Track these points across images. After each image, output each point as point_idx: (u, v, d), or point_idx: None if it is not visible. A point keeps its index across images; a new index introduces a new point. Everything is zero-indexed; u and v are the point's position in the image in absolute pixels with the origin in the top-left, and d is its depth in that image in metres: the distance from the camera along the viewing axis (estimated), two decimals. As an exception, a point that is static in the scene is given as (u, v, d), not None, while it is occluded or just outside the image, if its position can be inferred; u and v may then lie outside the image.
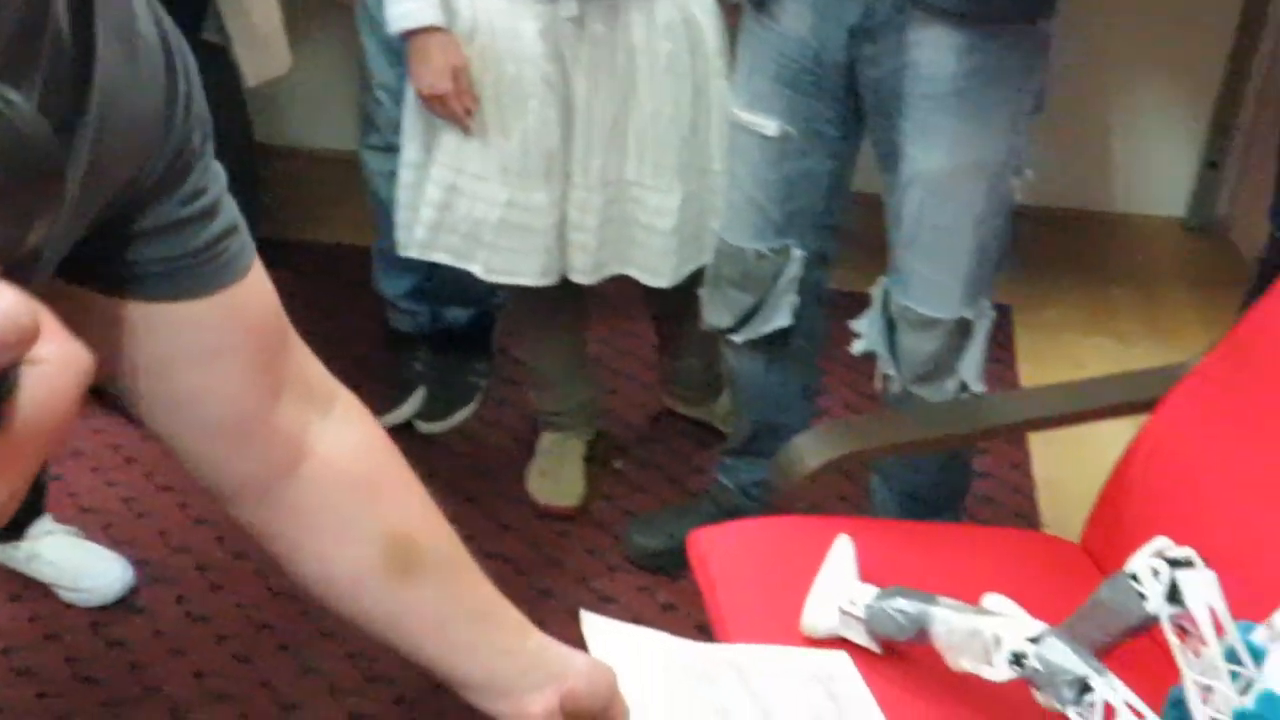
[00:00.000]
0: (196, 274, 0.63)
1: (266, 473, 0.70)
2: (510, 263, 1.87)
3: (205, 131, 0.62)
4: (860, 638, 1.35)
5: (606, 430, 2.34)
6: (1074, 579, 1.54)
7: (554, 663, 0.79)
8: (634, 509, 2.17)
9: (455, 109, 1.72)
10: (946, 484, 1.82)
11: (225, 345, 0.65)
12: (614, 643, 0.93)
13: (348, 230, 2.75)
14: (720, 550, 1.47)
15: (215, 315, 0.64)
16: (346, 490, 0.73)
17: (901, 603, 1.31)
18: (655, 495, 2.21)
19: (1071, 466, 2.10)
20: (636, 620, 1.92)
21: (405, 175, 1.88)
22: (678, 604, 1.94)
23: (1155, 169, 2.94)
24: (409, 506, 0.76)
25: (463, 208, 1.85)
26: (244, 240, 0.66)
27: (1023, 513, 2.23)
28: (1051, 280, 2.81)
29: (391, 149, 1.94)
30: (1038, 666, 1.20)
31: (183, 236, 0.62)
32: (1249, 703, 1.07)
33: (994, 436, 1.73)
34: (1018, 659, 1.21)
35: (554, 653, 0.80)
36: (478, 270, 1.90)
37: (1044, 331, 2.67)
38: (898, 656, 1.30)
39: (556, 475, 2.16)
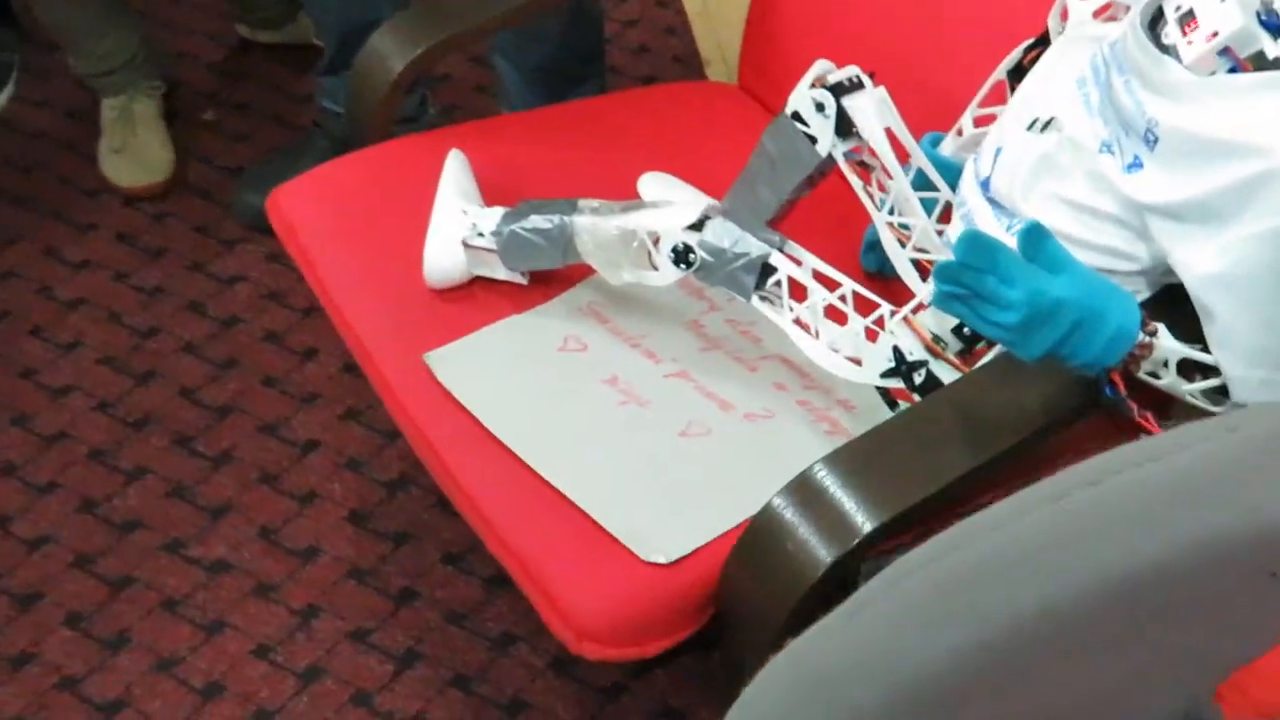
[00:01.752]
0: None
1: None
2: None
3: None
4: (500, 273, 1.10)
5: (182, 78, 1.92)
6: (739, 130, 1.30)
7: None
8: (240, 165, 1.81)
9: None
10: (576, 46, 1.57)
11: None
12: (465, 369, 0.96)
13: None
14: (305, 206, 1.18)
15: None
16: None
17: (536, 220, 1.06)
18: (261, 143, 1.86)
19: (722, -10, 1.81)
20: (274, 296, 1.65)
21: None
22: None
23: None
24: None
25: None
26: None
27: (681, 56, 1.98)
28: None
29: None
30: (707, 258, 0.98)
31: None
32: (951, 252, 0.86)
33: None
34: (682, 256, 0.98)
35: None
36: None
37: None
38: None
39: (134, 149, 1.78)
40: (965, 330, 0.95)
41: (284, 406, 1.55)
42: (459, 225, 1.09)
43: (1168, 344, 0.86)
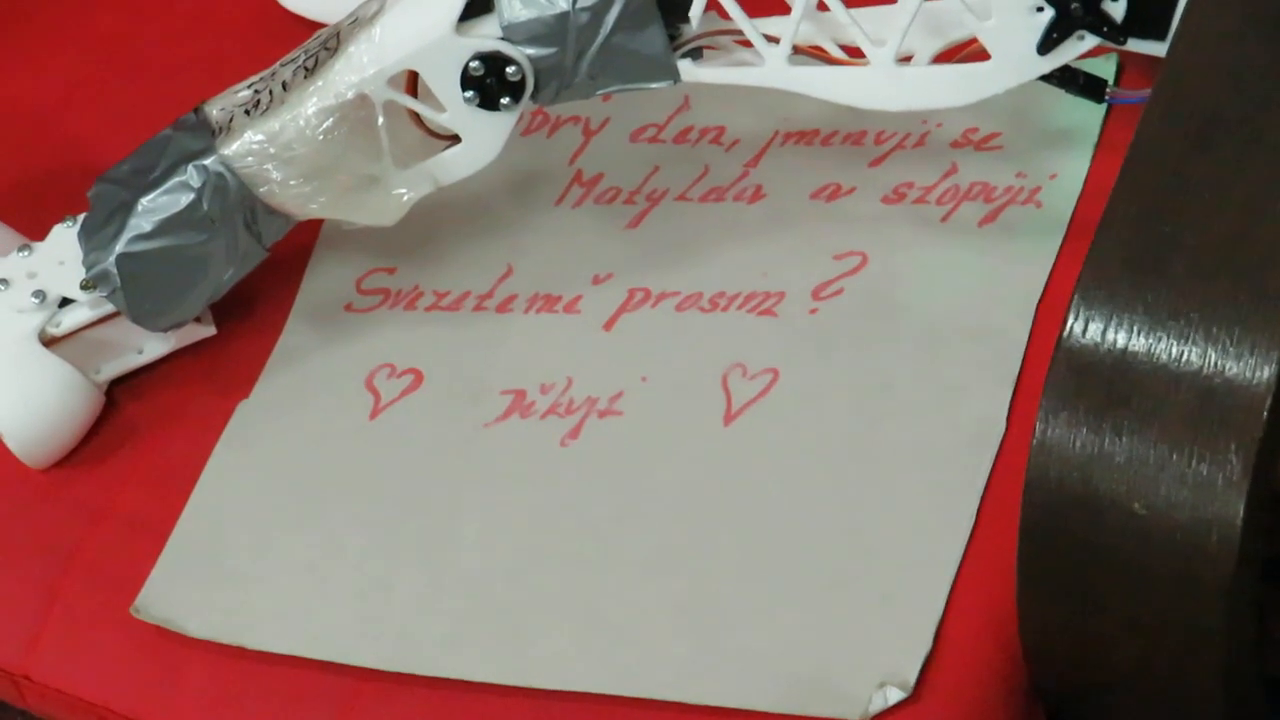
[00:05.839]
0: None
1: None
2: None
3: None
4: (152, 348, 0.92)
5: None
6: None
7: None
8: None
9: None
10: None
11: None
12: (223, 587, 0.87)
13: None
14: None
15: None
16: None
17: (154, 204, 0.86)
18: None
19: None
20: None
21: None
22: None
23: None
24: None
25: None
26: None
27: None
28: None
29: None
30: (540, 53, 0.82)
31: None
32: None
33: None
34: (492, 81, 0.82)
35: None
36: None
37: None
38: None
39: None
40: None
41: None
42: (8, 316, 0.87)
43: None
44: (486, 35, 0.79)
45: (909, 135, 0.88)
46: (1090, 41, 0.77)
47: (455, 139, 0.82)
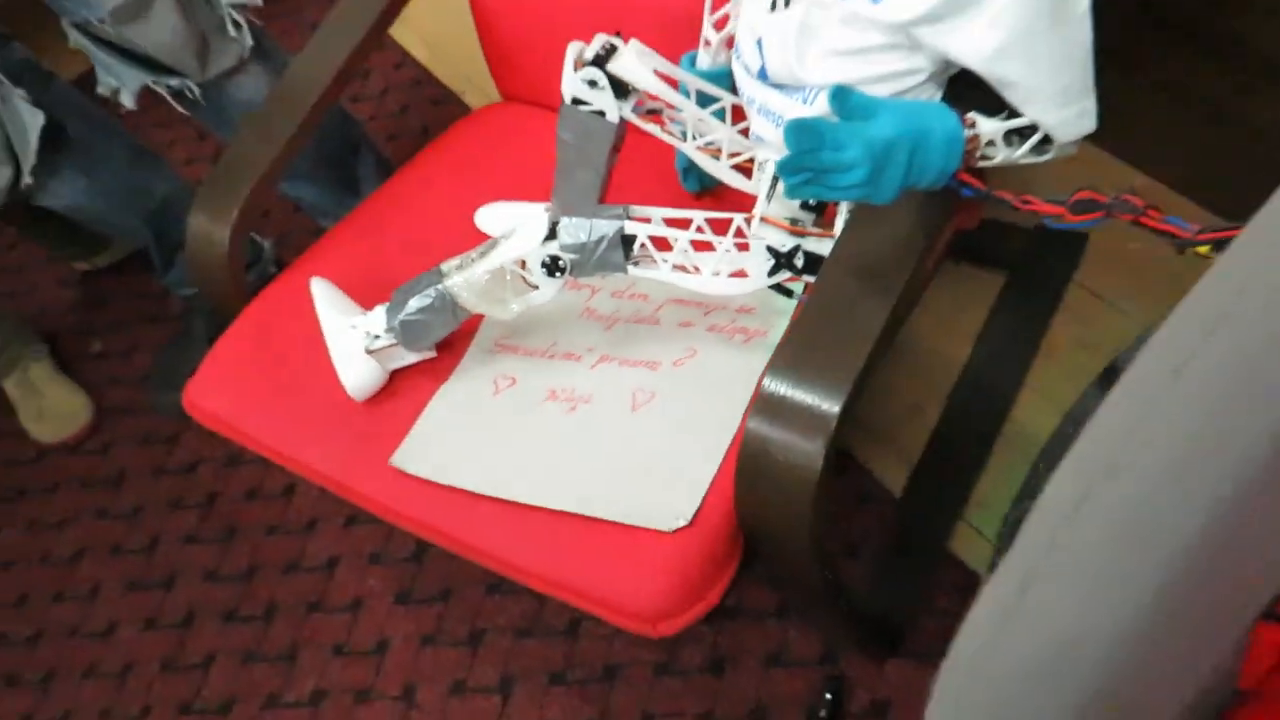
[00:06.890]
0: None
1: None
2: None
3: None
4: (410, 358, 0.93)
5: (54, 327, 1.67)
6: (531, 135, 1.13)
7: None
8: (144, 373, 1.58)
9: None
10: (335, 133, 1.37)
11: None
12: (429, 453, 0.80)
13: None
14: (218, 392, 0.98)
15: None
16: None
17: (415, 302, 0.89)
18: (149, 345, 1.63)
19: (452, 24, 1.62)
20: (232, 460, 1.48)
21: None
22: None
23: None
24: None
25: None
26: None
27: (437, 98, 1.78)
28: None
29: None
30: (573, 257, 0.82)
31: None
32: (760, 145, 0.72)
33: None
34: (553, 266, 0.82)
35: None
36: None
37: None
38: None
39: (51, 409, 1.55)
40: (811, 202, 0.82)
41: (293, 544, 1.36)
42: (355, 340, 0.91)
43: (987, 126, 0.74)
44: (552, 247, 0.80)
45: (719, 305, 0.88)
46: (790, 273, 0.79)
47: (537, 288, 0.83)
